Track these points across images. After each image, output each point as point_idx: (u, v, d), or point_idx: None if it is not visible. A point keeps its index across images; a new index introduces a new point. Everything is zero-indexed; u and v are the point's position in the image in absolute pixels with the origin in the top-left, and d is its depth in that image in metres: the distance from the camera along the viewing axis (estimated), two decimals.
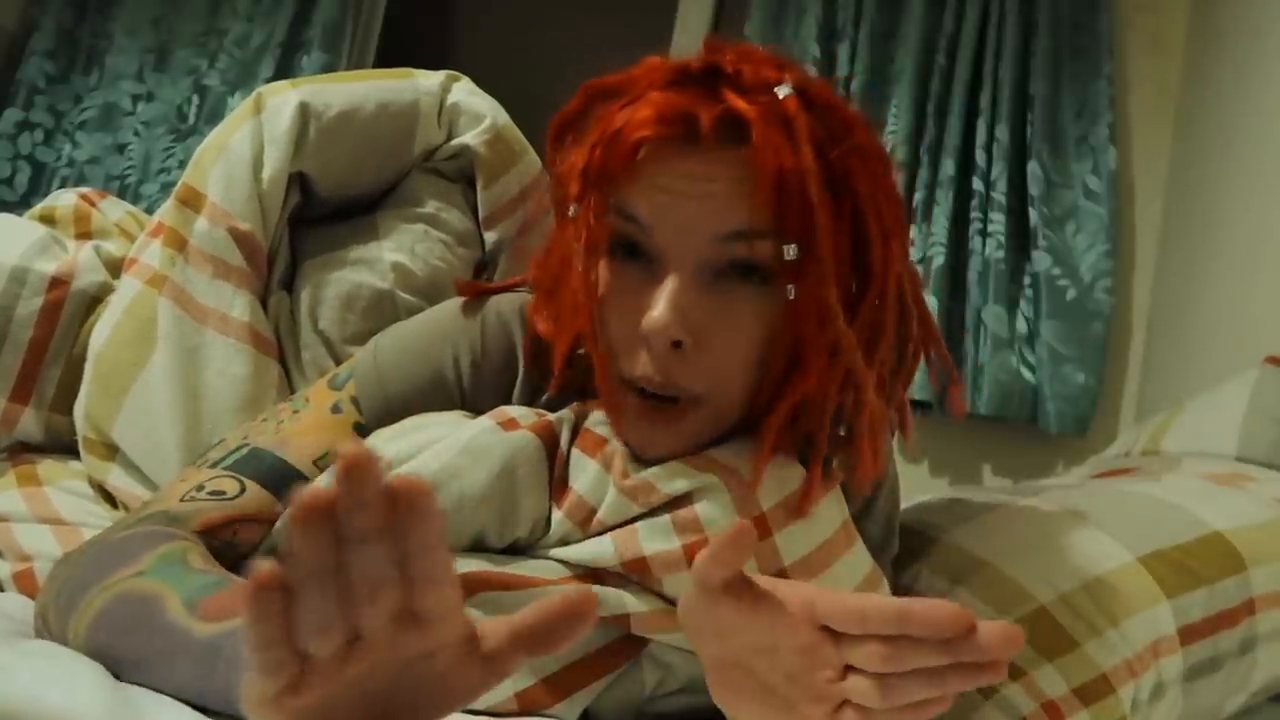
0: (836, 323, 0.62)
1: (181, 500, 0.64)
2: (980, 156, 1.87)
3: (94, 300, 0.92)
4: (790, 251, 0.61)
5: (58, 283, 0.91)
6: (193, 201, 0.89)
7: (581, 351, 0.69)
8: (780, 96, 0.62)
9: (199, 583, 0.53)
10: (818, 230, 0.61)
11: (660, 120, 0.62)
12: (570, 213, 0.67)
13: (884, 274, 0.65)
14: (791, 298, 0.62)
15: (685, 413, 0.64)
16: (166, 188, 2.18)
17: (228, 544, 0.64)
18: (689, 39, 2.18)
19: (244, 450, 0.68)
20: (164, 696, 0.51)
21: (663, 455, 0.66)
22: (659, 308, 0.61)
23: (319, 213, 0.96)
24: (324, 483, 0.64)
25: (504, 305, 0.75)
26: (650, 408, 0.64)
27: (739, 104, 0.61)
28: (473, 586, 0.61)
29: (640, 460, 0.66)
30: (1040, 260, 1.82)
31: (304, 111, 0.90)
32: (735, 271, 0.63)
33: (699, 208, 0.62)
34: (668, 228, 0.62)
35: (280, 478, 0.67)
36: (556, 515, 0.65)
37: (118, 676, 0.52)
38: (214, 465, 0.68)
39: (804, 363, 0.63)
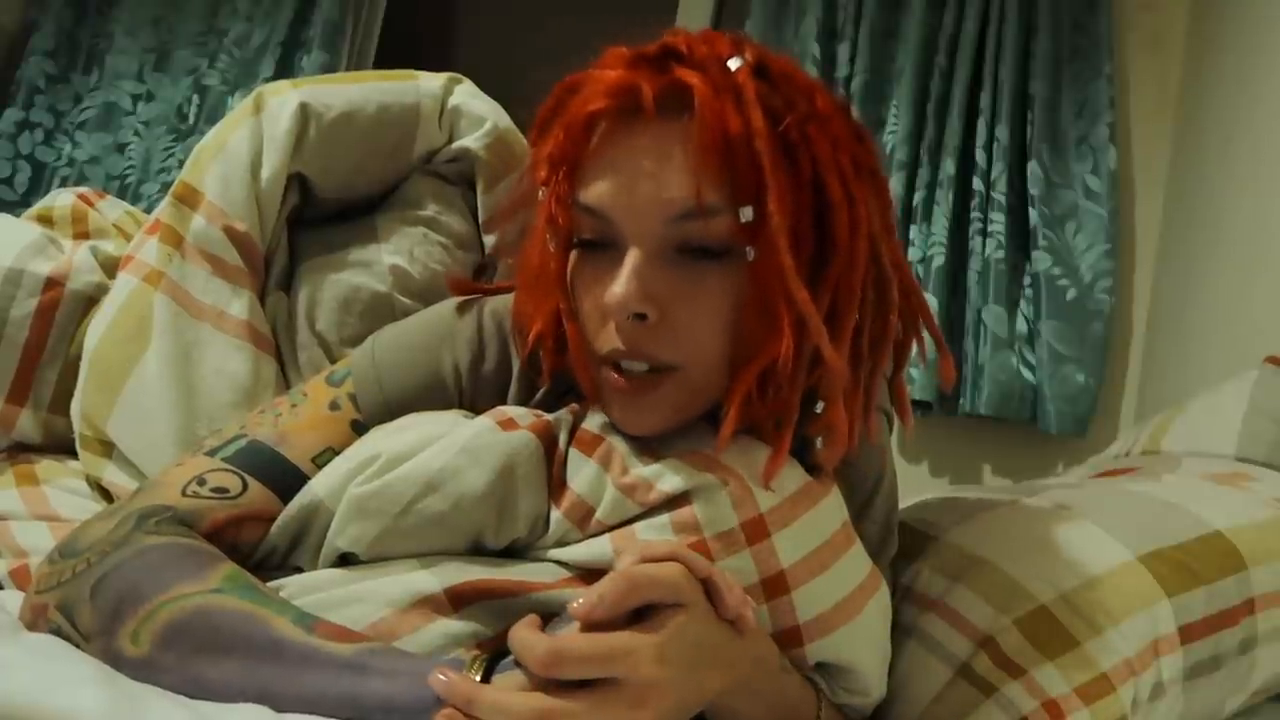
0: (789, 279, 0.61)
1: (183, 494, 0.64)
2: (980, 156, 1.87)
3: (90, 301, 0.92)
4: (746, 214, 0.61)
5: (52, 284, 0.91)
6: (190, 199, 0.88)
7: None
8: (732, 69, 0.62)
9: (293, 608, 0.57)
10: (769, 189, 0.61)
11: (607, 94, 0.62)
12: (539, 196, 0.68)
13: (850, 239, 0.64)
14: (750, 259, 0.62)
15: (661, 383, 0.64)
16: (166, 187, 2.16)
17: (231, 546, 0.64)
18: None
19: (242, 442, 0.68)
20: (164, 694, 0.51)
21: (648, 429, 0.66)
22: (619, 283, 0.62)
23: (318, 214, 0.96)
24: (323, 481, 0.65)
25: (499, 305, 0.75)
26: (627, 382, 0.64)
27: (684, 74, 0.62)
28: (473, 595, 0.61)
29: (637, 455, 0.66)
30: (1040, 260, 1.82)
31: (304, 112, 0.90)
32: (695, 249, 0.63)
33: (650, 186, 0.62)
34: (623, 211, 0.63)
35: (280, 475, 0.67)
36: (555, 515, 0.65)
37: (190, 684, 0.53)
38: (211, 454, 0.67)
39: (773, 328, 0.63)
